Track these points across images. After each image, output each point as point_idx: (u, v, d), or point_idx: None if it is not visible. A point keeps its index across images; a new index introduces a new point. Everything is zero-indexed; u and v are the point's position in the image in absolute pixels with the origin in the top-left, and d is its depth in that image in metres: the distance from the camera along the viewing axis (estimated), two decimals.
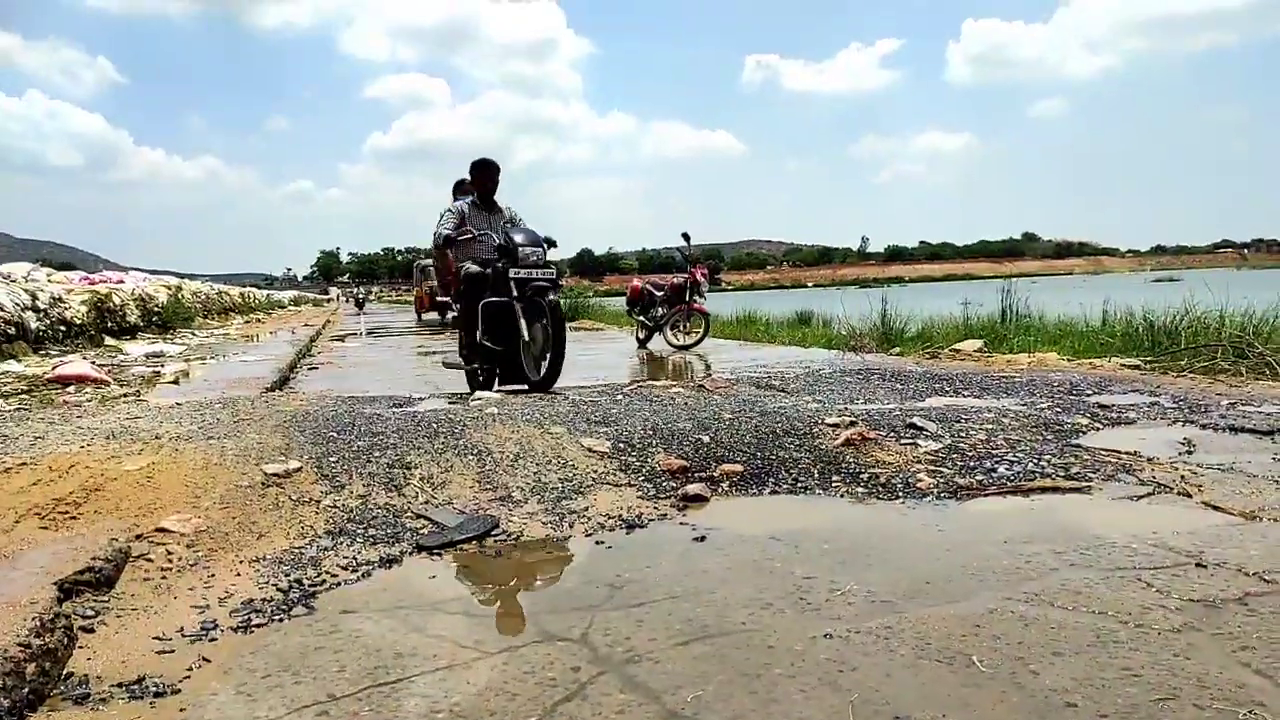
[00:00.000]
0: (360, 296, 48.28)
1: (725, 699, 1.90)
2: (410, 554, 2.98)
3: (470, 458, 3.87)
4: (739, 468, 3.91)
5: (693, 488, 3.63)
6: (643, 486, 3.67)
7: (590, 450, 4.03)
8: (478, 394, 6.24)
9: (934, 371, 7.03)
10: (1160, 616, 2.24)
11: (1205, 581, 2.46)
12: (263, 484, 3.43)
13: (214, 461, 3.60)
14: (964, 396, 5.56)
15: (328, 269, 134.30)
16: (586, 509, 3.40)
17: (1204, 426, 4.50)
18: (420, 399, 5.87)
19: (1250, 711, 1.76)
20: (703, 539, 3.11)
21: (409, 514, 3.31)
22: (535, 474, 3.74)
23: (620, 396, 5.57)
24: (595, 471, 3.80)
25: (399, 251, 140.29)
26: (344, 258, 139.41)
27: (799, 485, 3.74)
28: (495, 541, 3.09)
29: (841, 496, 3.59)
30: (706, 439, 4.23)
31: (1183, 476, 3.56)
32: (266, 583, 2.70)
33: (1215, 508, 3.18)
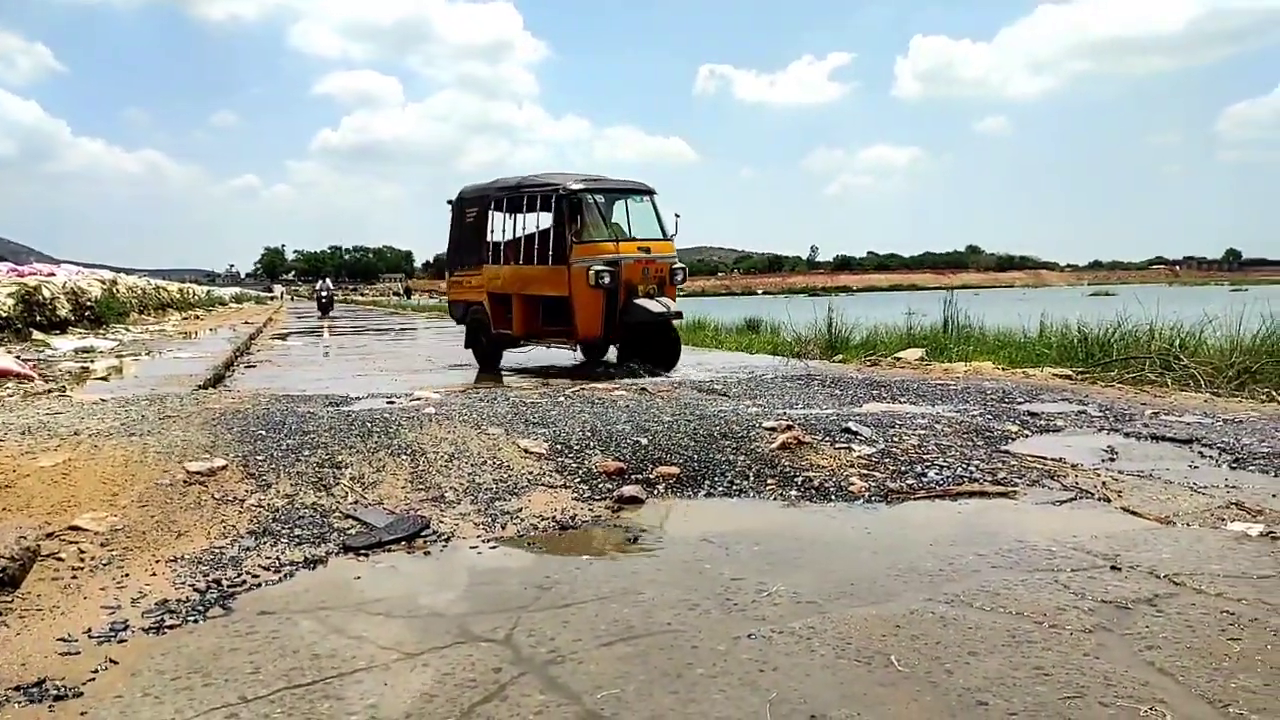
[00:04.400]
0: (325, 295, 31.97)
1: (645, 698, 1.90)
2: (336, 555, 2.92)
3: (404, 458, 3.82)
4: (676, 470, 3.91)
5: (628, 490, 3.63)
6: (578, 488, 3.66)
7: (527, 451, 4.00)
8: (418, 393, 6.16)
9: (874, 378, 7.13)
10: (1074, 617, 2.29)
11: (1118, 584, 2.53)
12: (185, 482, 3.34)
13: (134, 459, 3.49)
14: (900, 403, 5.64)
15: (272, 266, 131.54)
16: (520, 510, 3.37)
17: (1127, 434, 4.64)
18: (358, 399, 5.77)
19: (1151, 708, 1.81)
20: (635, 540, 3.11)
21: (337, 514, 3.25)
22: (470, 474, 3.70)
23: (561, 398, 5.55)
24: (531, 473, 3.77)
25: (347, 250, 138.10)
26: (290, 255, 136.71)
27: (734, 488, 3.76)
28: (425, 542, 3.05)
29: (775, 499, 3.62)
30: (645, 441, 4.23)
31: (1104, 482, 3.66)
32: (183, 583, 2.63)
33: (1133, 513, 3.27)
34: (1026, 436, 4.60)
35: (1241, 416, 5.10)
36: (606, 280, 8.44)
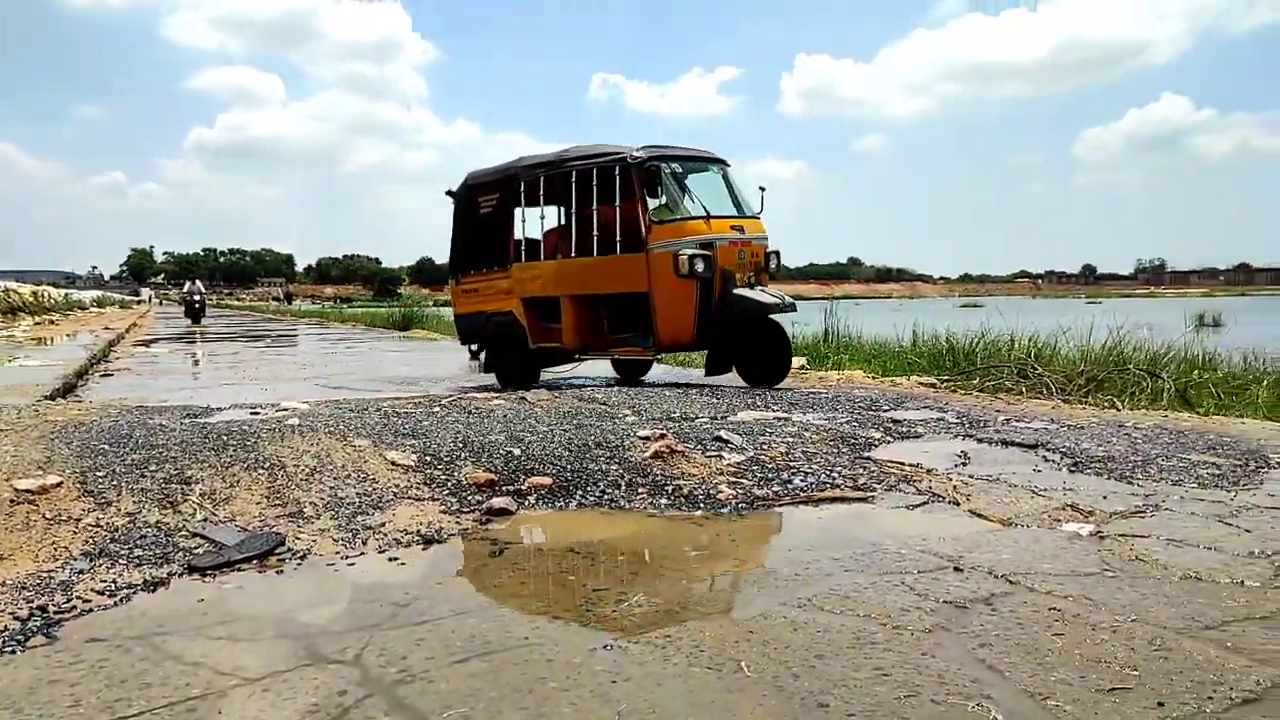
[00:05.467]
0: (196, 299, 28.68)
1: (494, 716, 1.87)
2: (180, 575, 2.77)
3: (260, 472, 3.66)
4: (548, 481, 3.89)
5: (498, 501, 3.59)
6: (446, 501, 3.59)
7: (394, 464, 3.90)
8: (285, 403, 5.92)
9: (752, 388, 7.29)
10: (916, 618, 2.40)
11: (959, 584, 2.66)
12: (11, 501, 3.10)
13: None
14: (773, 410, 5.78)
15: (140, 268, 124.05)
16: (383, 524, 3.28)
17: (980, 440, 4.90)
18: (219, 409, 5.50)
19: (979, 704, 1.91)
20: (501, 553, 3.07)
21: (184, 533, 3.08)
22: (331, 488, 3.58)
23: (437, 408, 5.44)
24: (397, 485, 3.68)
25: (222, 252, 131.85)
26: (159, 257, 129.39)
27: (605, 497, 3.76)
28: (278, 560, 2.93)
29: (645, 508, 3.64)
30: (518, 452, 4.19)
31: (954, 486, 3.85)
32: (3, 610, 2.44)
33: (979, 515, 3.45)
34: (888, 443, 4.79)
35: (1084, 423, 5.46)
36: (701, 267, 6.80)
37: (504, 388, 7.78)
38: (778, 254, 7.72)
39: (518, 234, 8.19)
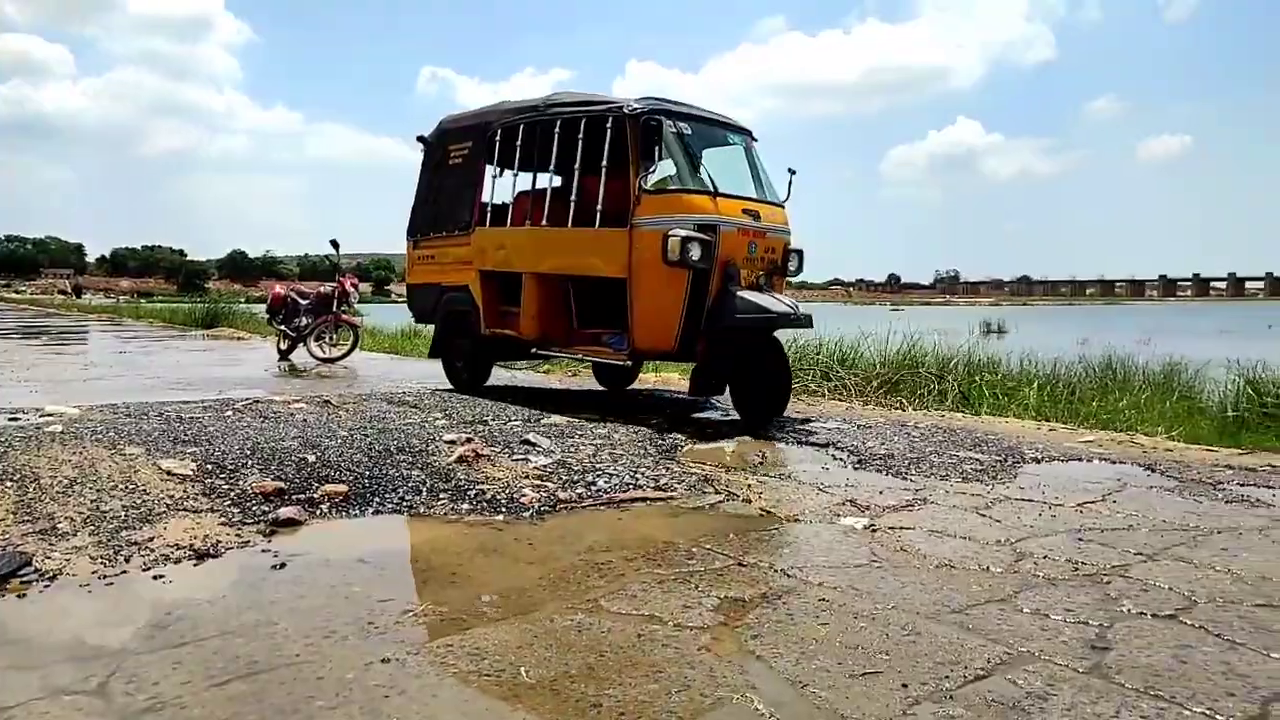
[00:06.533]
0: None
1: None
2: None
3: (9, 484, 3.30)
4: (344, 488, 3.74)
5: (286, 511, 3.40)
6: (228, 512, 3.37)
7: (169, 473, 3.62)
8: (50, 408, 5.37)
9: (570, 388, 7.33)
10: (697, 615, 2.48)
11: (741, 580, 2.77)
12: None
13: None
14: (585, 413, 5.84)
15: None
16: (151, 539, 3.04)
17: (778, 440, 5.14)
18: None
19: (744, 695, 1.99)
20: (283, 566, 2.91)
21: None
22: (93, 501, 3.28)
23: (229, 413, 5.11)
24: (171, 496, 3.42)
25: None
26: None
27: (405, 504, 3.66)
28: (21, 583, 2.64)
29: (446, 514, 3.57)
30: (312, 458, 4.01)
31: (749, 485, 4.02)
32: None
33: (768, 512, 3.61)
34: (694, 444, 4.94)
35: (872, 422, 5.85)
36: (695, 254, 5.29)
37: (455, 387, 6.81)
38: (800, 254, 6.15)
39: (486, 194, 6.91)
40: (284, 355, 11.48)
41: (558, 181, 6.47)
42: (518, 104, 6.73)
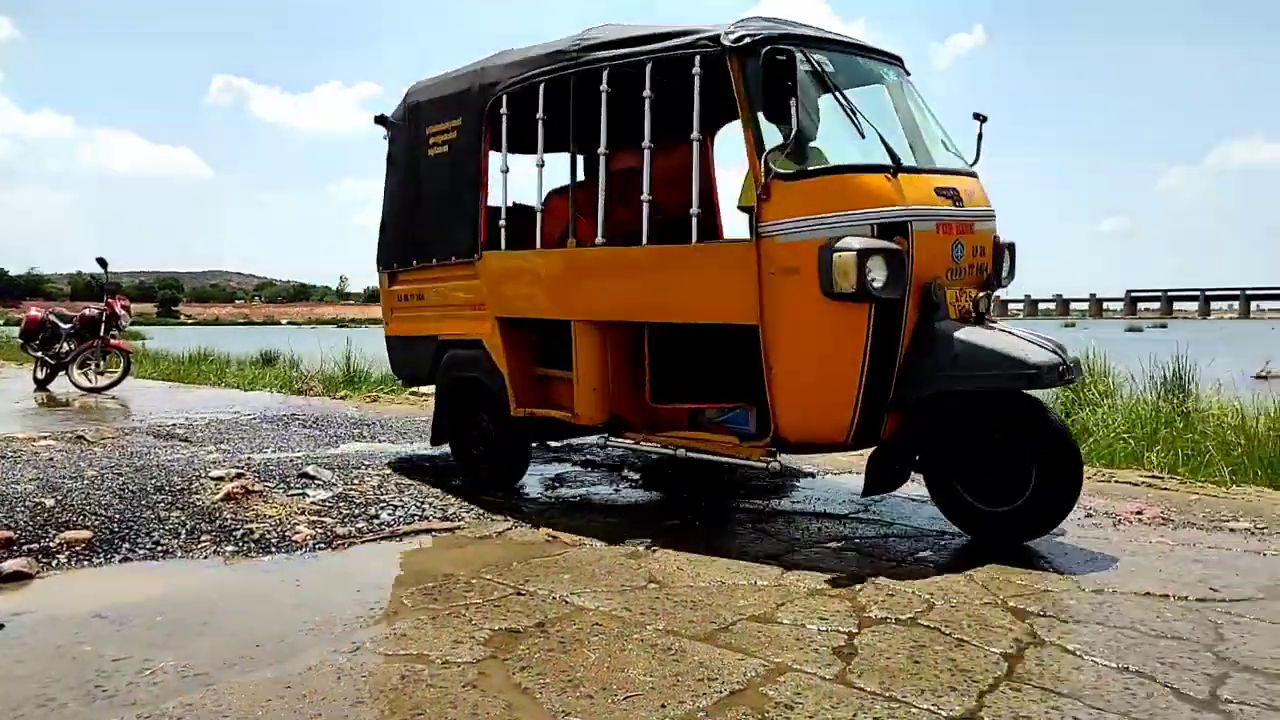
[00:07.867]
0: None
1: None
2: None
3: None
4: (87, 534, 3.39)
5: (11, 564, 3.04)
6: None
7: None
8: None
9: (364, 417, 7.04)
10: (467, 650, 2.41)
11: (518, 609, 2.74)
12: None
13: None
14: (380, 442, 5.62)
15: None
16: None
17: (576, 463, 5.16)
18: None
19: None
20: (2, 627, 2.59)
21: None
22: None
23: None
24: None
25: None
26: None
27: (159, 549, 3.36)
28: None
29: (206, 558, 3.31)
30: (51, 502, 3.61)
31: (539, 511, 4.00)
32: None
33: (555, 537, 3.60)
34: None
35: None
36: (879, 278, 3.21)
37: (469, 477, 4.54)
38: (1012, 249, 3.93)
39: (494, 197, 4.47)
40: (41, 385, 10.35)
41: (607, 169, 4.01)
42: (530, 51, 4.34)
